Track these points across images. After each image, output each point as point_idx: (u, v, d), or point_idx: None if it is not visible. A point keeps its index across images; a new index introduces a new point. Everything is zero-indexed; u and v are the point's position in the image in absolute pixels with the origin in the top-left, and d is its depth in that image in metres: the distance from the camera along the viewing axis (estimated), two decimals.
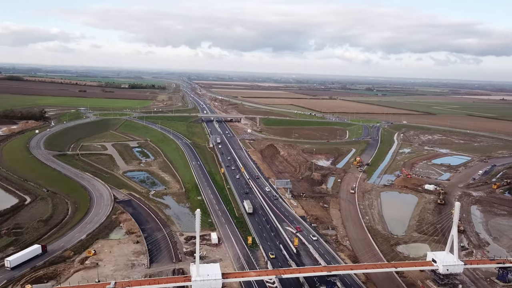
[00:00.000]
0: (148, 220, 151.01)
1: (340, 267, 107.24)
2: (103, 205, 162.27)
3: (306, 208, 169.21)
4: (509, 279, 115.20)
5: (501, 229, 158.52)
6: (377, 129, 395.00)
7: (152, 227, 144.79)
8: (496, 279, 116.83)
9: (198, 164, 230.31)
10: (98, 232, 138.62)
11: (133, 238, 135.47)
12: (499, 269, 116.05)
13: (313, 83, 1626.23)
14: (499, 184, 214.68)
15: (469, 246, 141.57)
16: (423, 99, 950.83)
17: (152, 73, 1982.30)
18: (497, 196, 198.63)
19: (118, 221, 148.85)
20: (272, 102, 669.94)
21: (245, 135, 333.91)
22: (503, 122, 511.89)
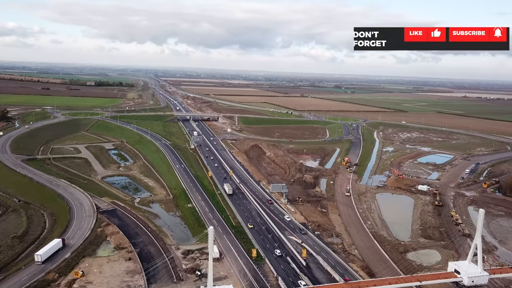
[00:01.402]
0: (138, 233, 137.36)
1: (363, 283, 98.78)
2: (85, 217, 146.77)
3: (305, 214, 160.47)
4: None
5: (504, 231, 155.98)
6: (357, 127, 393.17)
7: (144, 241, 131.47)
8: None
9: (183, 168, 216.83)
10: (84, 248, 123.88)
11: (124, 255, 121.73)
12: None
13: (282, 80, 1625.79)
14: (489, 183, 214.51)
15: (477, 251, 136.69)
16: (391, 96, 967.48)
17: (117, 70, 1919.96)
18: (490, 196, 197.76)
19: (105, 234, 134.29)
20: (246, 100, 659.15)
21: (225, 135, 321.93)
22: (472, 119, 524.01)
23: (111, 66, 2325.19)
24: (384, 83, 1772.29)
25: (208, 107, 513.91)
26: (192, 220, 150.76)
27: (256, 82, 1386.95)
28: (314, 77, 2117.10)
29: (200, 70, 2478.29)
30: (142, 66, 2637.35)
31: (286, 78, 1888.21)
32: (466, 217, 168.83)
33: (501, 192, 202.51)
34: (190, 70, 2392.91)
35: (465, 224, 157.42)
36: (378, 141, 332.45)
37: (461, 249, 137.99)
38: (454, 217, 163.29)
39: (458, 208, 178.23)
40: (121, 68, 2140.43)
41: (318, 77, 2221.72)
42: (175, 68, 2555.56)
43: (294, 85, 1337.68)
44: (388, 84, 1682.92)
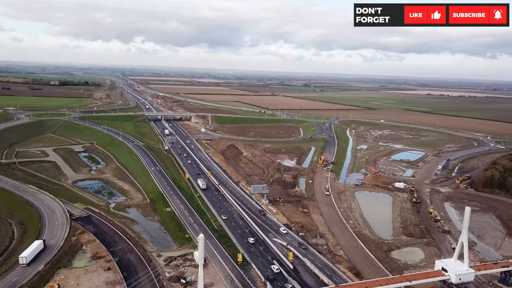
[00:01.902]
0: (116, 240, 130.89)
1: (354, 286, 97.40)
2: (57, 225, 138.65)
3: (287, 215, 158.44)
4: (511, 283, 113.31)
5: (480, 226, 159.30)
6: (329, 125, 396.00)
7: (123, 249, 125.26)
8: (498, 282, 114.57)
9: (158, 170, 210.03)
10: (58, 259, 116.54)
11: (103, 264, 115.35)
12: (501, 272, 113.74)
13: (252, 79, 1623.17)
14: (461, 179, 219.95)
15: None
16: (359, 94, 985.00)
17: (82, 68, 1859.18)
18: (463, 192, 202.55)
19: (80, 243, 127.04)
20: (217, 98, 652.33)
21: (200, 135, 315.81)
22: (438, 116, 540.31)
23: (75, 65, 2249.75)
24: (351, 82, 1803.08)
25: (179, 107, 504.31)
26: (172, 224, 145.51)
27: (226, 81, 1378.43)
28: (283, 76, 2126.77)
29: (168, 68, 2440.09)
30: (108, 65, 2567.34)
31: (255, 76, 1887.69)
32: (444, 213, 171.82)
33: (473, 188, 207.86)
34: (158, 68, 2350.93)
35: (444, 221, 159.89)
36: (351, 139, 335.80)
37: (442, 245, 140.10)
38: (433, 214, 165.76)
39: (435, 204, 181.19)
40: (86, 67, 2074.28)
41: (287, 75, 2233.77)
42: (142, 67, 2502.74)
43: (264, 83, 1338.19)
44: (355, 82, 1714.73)
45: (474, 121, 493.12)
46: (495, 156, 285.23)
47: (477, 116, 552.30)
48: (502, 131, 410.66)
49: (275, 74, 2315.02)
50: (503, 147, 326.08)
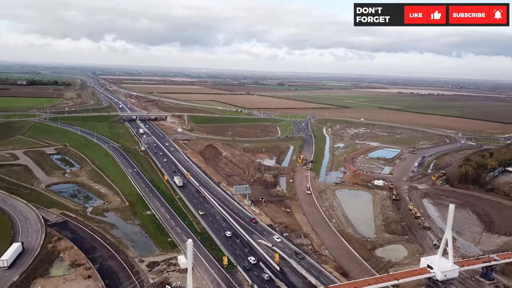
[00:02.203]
0: (95, 246, 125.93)
1: (344, 286, 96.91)
2: (32, 232, 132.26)
3: (271, 215, 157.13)
4: (492, 277, 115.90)
5: (459, 222, 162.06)
6: (306, 124, 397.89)
7: (103, 255, 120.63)
8: (480, 277, 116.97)
9: (136, 172, 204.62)
10: (34, 268, 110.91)
11: (82, 272, 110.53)
12: (483, 267, 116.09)
13: (226, 78, 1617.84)
14: (437, 175, 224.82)
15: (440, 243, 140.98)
16: (333, 93, 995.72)
17: (50, 67, 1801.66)
18: (440, 188, 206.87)
19: (57, 250, 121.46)
20: (192, 98, 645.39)
21: (177, 135, 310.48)
22: (410, 113, 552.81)
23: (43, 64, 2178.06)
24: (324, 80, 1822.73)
25: (154, 106, 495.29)
26: (153, 228, 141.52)
27: (199, 80, 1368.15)
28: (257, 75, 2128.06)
29: (140, 67, 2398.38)
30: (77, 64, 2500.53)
31: (229, 75, 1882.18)
32: (423, 210, 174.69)
33: (449, 184, 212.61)
34: (130, 67, 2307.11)
35: (423, 217, 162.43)
36: (328, 138, 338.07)
37: (424, 242, 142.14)
38: (413, 211, 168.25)
39: (414, 201, 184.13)
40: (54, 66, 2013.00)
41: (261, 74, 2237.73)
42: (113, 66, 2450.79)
43: (238, 82, 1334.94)
44: (328, 81, 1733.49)
45: (444, 118, 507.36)
46: (467, 152, 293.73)
47: (447, 113, 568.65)
48: (471, 128, 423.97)
49: (249, 73, 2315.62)
50: (473, 143, 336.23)
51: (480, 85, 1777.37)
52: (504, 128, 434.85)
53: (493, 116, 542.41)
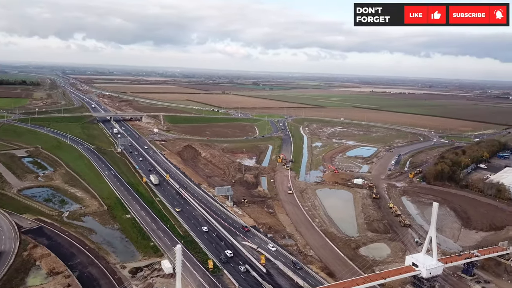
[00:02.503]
0: (73, 253, 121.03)
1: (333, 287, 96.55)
2: (5, 239, 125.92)
3: (254, 216, 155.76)
4: (473, 273, 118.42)
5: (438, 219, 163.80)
6: (284, 123, 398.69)
7: (83, 262, 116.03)
8: (462, 273, 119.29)
9: (113, 174, 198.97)
10: (9, 279, 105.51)
11: (61, 281, 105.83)
12: (465, 263, 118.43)
13: (200, 77, 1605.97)
14: (414, 173, 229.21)
15: (421, 240, 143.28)
16: (307, 92, 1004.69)
17: (17, 66, 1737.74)
18: (417, 186, 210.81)
19: (33, 258, 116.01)
20: (167, 97, 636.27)
21: (153, 136, 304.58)
22: (384, 112, 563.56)
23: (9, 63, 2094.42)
24: (298, 80, 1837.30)
25: (128, 106, 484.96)
26: (134, 232, 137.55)
27: (174, 79, 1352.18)
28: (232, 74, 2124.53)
29: (112, 67, 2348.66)
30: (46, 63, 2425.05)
31: (203, 74, 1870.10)
32: (402, 207, 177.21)
33: (425, 181, 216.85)
34: (101, 67, 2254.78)
35: (404, 215, 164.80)
36: (306, 137, 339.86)
37: (406, 240, 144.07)
38: (393, 209, 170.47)
39: (393, 199, 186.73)
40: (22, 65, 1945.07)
41: (235, 74, 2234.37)
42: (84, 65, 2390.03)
43: (213, 81, 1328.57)
44: (302, 81, 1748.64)
45: (417, 116, 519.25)
46: (441, 150, 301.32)
47: (419, 112, 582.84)
48: (442, 126, 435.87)
49: (224, 72, 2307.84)
50: (446, 141, 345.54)
51: (447, 84, 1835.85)
52: (474, 126, 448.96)
53: (462, 114, 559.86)
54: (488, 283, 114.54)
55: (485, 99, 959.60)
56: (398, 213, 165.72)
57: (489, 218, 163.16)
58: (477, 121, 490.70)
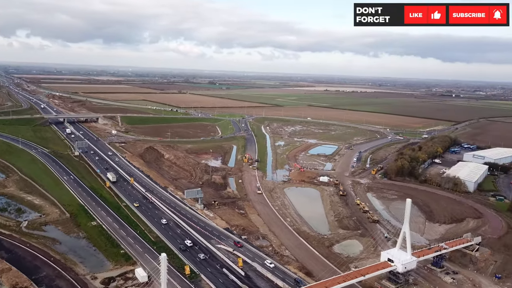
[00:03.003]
0: (38, 265, 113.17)
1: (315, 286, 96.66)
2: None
3: (225, 218, 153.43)
4: (442, 265, 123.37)
5: (402, 213, 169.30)
6: (245, 123, 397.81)
7: (49, 275, 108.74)
8: (432, 266, 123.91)
9: (73, 179, 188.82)
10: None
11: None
12: (434, 256, 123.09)
13: (154, 76, 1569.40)
14: (376, 169, 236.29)
15: (390, 235, 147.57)
16: (264, 92, 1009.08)
17: None
18: (380, 182, 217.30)
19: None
20: (122, 97, 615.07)
21: (112, 138, 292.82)
22: (339, 110, 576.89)
23: None
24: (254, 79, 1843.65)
25: (81, 107, 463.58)
26: (102, 240, 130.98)
27: (126, 79, 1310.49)
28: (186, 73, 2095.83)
29: (60, 65, 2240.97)
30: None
31: (157, 74, 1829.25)
32: (369, 204, 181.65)
33: (387, 177, 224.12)
34: (48, 66, 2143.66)
35: (372, 212, 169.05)
36: (268, 136, 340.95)
37: (376, 235, 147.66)
38: (361, 205, 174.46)
39: (359, 196, 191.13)
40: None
41: (190, 73, 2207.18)
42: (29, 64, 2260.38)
43: (167, 81, 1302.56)
44: (257, 80, 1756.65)
45: (371, 114, 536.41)
46: (397, 146, 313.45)
47: (372, 109, 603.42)
48: (396, 123, 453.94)
49: (178, 72, 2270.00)
50: (401, 137, 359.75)
51: (395, 83, 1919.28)
52: (424, 123, 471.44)
53: (412, 111, 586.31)
54: (457, 274, 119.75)
55: (431, 97, 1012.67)
56: (366, 210, 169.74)
57: (450, 211, 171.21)
58: (427, 117, 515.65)
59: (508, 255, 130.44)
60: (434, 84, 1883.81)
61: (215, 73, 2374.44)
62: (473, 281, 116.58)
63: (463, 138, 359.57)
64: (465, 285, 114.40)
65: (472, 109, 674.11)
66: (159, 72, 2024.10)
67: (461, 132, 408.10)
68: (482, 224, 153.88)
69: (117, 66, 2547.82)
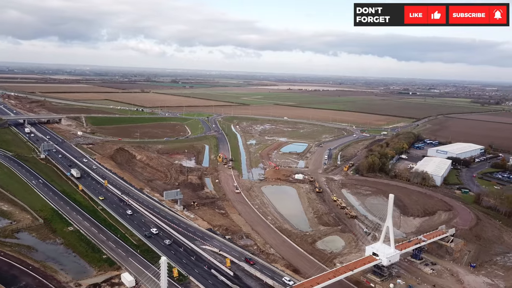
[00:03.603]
0: (15, 275, 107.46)
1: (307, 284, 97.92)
2: None
3: (207, 219, 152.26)
4: (421, 257, 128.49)
5: (378, 208, 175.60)
6: (214, 122, 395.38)
7: (29, 284, 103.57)
8: (411, 258, 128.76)
9: (42, 183, 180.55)
10: None
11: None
12: (414, 249, 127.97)
13: (114, 75, 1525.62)
14: (348, 166, 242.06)
15: (369, 230, 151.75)
16: (228, 90, 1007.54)
17: None
18: (353, 178, 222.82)
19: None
20: (82, 97, 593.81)
21: (78, 139, 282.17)
22: (305, 109, 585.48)
23: None
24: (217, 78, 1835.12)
25: (40, 108, 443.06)
26: (82, 246, 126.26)
27: (85, 78, 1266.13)
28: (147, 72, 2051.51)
29: (11, 64, 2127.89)
30: None
31: (117, 72, 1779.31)
32: (345, 200, 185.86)
33: (359, 173, 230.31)
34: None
35: (350, 208, 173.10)
36: (239, 135, 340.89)
37: (355, 230, 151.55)
38: (338, 202, 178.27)
39: (335, 192, 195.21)
40: None
41: (151, 71, 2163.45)
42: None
43: (128, 80, 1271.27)
44: (220, 78, 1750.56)
45: (335, 112, 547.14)
46: (365, 143, 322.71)
47: (336, 107, 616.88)
48: (360, 120, 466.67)
49: (139, 70, 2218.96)
50: (367, 134, 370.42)
51: (354, 81, 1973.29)
52: (387, 120, 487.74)
53: (374, 109, 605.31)
54: (435, 265, 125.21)
55: (390, 94, 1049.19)
56: (343, 206, 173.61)
57: (422, 204, 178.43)
58: (388, 115, 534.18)
59: (480, 245, 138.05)
60: (391, 82, 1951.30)
61: (177, 72, 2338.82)
62: (451, 270, 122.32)
63: (425, 134, 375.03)
64: (444, 275, 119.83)
65: (429, 106, 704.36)
66: (118, 71, 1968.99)
67: (422, 128, 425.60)
68: (453, 217, 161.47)
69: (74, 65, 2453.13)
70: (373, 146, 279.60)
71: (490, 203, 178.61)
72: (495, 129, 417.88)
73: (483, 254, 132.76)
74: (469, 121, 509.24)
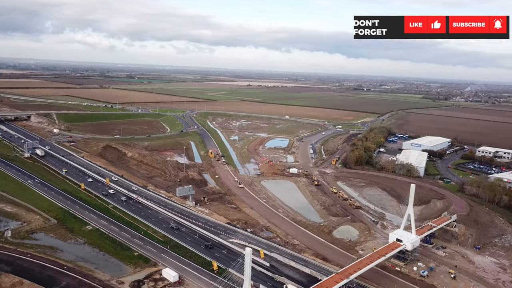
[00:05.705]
0: (52, 276, 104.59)
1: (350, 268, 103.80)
2: None
3: (222, 213, 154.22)
4: (431, 242, 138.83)
5: (376, 199, 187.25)
6: (190, 118, 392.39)
7: (70, 285, 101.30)
8: (424, 243, 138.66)
9: (39, 182, 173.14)
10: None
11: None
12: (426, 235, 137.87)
13: (64, 70, 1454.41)
14: (335, 159, 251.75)
15: (376, 219, 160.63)
16: (188, 86, 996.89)
17: None
18: (344, 171, 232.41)
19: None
20: (40, 93, 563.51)
21: (57, 137, 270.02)
22: (271, 105, 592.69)
23: None
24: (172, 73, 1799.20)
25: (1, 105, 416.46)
26: (108, 244, 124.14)
27: (33, 72, 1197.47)
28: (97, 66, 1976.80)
29: None
30: None
31: (66, 67, 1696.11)
32: (343, 192, 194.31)
33: (347, 166, 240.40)
34: None
35: (353, 199, 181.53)
36: (219, 131, 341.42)
37: (364, 219, 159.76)
38: (339, 194, 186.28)
39: (331, 185, 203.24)
40: None
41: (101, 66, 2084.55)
42: None
43: (80, 75, 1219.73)
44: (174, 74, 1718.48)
45: (303, 108, 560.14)
46: (342, 137, 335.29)
47: (301, 103, 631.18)
48: (329, 116, 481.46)
49: (88, 65, 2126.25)
50: (342, 129, 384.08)
51: (308, 78, 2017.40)
52: (353, 115, 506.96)
53: (338, 105, 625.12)
54: (445, 248, 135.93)
55: (346, 90, 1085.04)
56: (345, 197, 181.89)
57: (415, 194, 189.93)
58: (353, 110, 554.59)
59: (479, 229, 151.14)
60: (343, 78, 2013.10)
61: (129, 67, 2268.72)
62: (460, 253, 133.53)
63: (393, 128, 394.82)
64: (455, 257, 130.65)
65: (387, 102, 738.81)
66: (67, 65, 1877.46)
67: (388, 123, 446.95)
68: (449, 204, 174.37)
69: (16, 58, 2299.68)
70: (354, 140, 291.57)
71: (473, 191, 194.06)
72: (453, 123, 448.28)
73: (483, 237, 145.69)
74: (427, 116, 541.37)
